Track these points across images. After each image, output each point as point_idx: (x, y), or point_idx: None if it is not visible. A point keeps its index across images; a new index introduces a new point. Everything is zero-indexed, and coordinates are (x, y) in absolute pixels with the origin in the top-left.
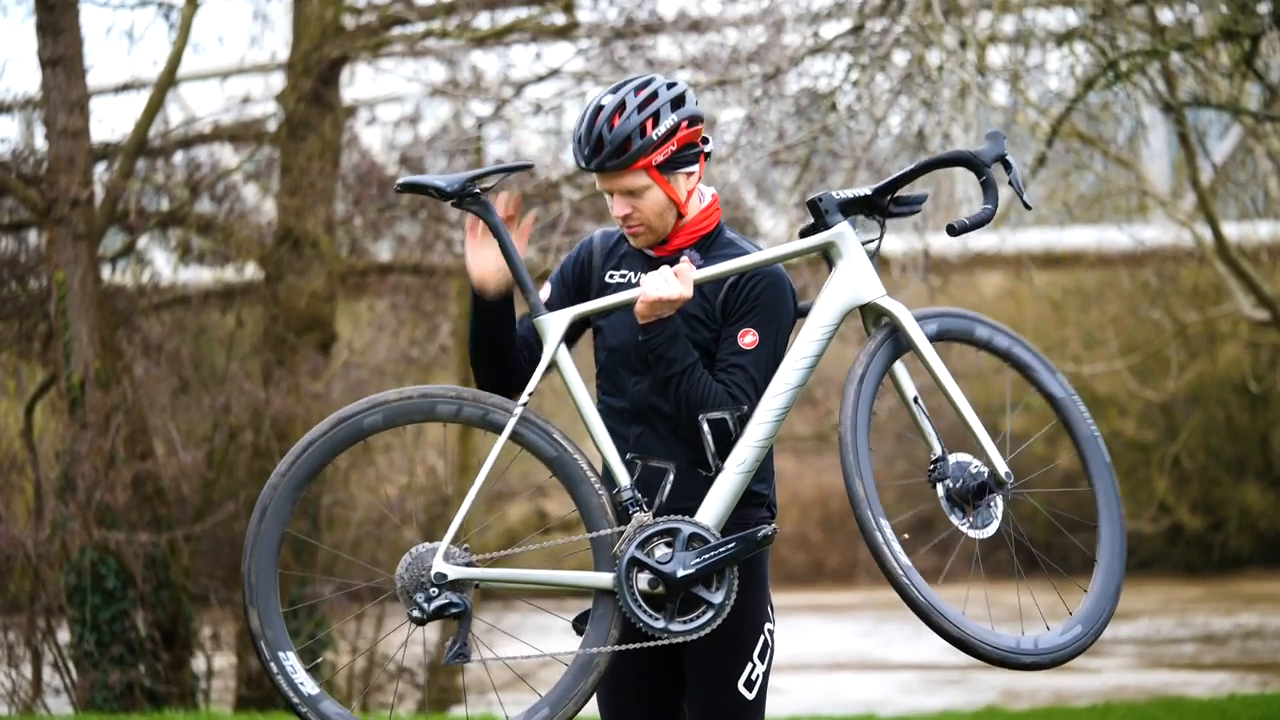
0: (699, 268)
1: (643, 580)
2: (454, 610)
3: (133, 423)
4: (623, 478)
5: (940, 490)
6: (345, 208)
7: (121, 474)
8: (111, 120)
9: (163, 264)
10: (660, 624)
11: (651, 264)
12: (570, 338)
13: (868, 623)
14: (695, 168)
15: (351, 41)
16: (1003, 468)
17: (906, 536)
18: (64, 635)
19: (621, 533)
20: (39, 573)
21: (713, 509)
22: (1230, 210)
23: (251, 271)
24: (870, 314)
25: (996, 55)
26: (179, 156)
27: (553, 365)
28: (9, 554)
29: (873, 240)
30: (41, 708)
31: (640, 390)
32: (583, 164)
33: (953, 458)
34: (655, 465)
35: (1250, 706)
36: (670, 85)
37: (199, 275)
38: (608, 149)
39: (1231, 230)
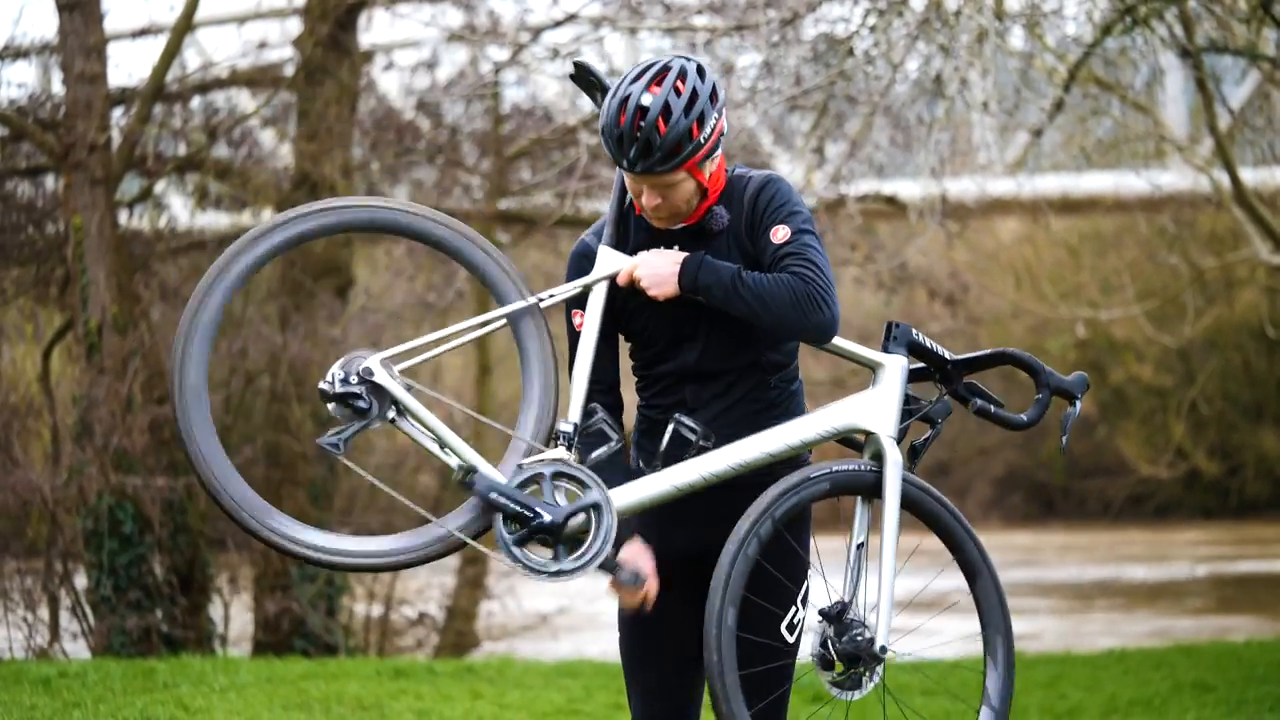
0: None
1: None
2: (357, 403)
3: (150, 367)
4: (572, 416)
5: (818, 633)
6: (362, 153)
7: (138, 419)
8: (128, 65)
9: (180, 209)
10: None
11: (675, 237)
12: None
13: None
14: (720, 150)
15: None
16: (880, 641)
17: None
18: (81, 580)
19: (539, 451)
20: (56, 518)
21: (632, 495)
22: (1247, 156)
23: (268, 216)
24: (869, 447)
25: (1014, 0)
26: (196, 101)
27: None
28: (26, 499)
29: (921, 403)
30: (59, 652)
31: (684, 360)
32: (625, 165)
33: (853, 615)
34: (687, 429)
35: (1267, 651)
36: (699, 72)
37: (216, 220)
38: (658, 155)
39: (1249, 175)
